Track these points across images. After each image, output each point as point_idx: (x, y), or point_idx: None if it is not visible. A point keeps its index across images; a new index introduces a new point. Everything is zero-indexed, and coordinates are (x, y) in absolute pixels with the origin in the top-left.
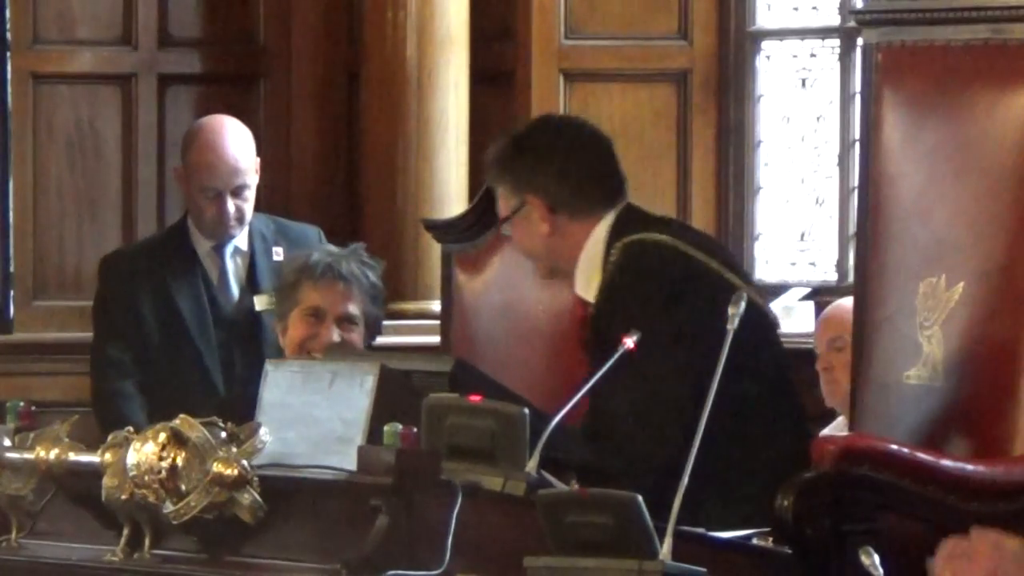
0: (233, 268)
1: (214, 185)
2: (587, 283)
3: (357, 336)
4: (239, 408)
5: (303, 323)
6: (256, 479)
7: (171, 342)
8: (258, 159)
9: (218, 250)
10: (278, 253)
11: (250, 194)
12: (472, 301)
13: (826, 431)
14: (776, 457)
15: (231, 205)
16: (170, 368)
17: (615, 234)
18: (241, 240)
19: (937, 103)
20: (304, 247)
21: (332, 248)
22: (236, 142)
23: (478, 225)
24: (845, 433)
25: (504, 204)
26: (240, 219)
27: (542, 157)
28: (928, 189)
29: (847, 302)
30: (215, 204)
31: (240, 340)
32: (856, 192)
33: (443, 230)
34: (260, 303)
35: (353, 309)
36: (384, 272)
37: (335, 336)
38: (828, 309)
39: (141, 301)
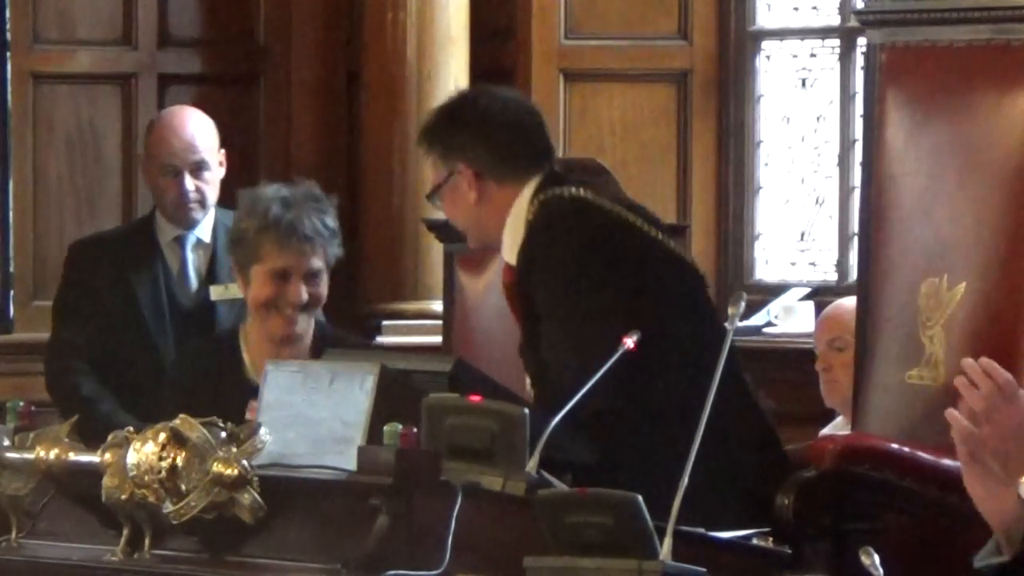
0: (193, 259)
1: (171, 162)
2: (512, 246)
3: (324, 287)
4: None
5: (268, 283)
6: (256, 479)
7: (127, 329)
8: (223, 151)
9: (180, 241)
10: None
11: (210, 176)
12: (474, 301)
13: (825, 431)
14: (721, 425)
15: (190, 183)
16: (124, 354)
17: (536, 195)
18: (204, 232)
19: (940, 103)
20: None
21: (285, 193)
22: (195, 123)
23: None
24: (845, 433)
25: (435, 175)
26: (201, 201)
27: (469, 124)
28: (930, 189)
29: (847, 302)
30: (175, 184)
31: (196, 330)
32: (856, 192)
33: (446, 230)
34: (215, 293)
35: (317, 263)
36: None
37: (303, 295)
38: (828, 309)
39: (100, 288)
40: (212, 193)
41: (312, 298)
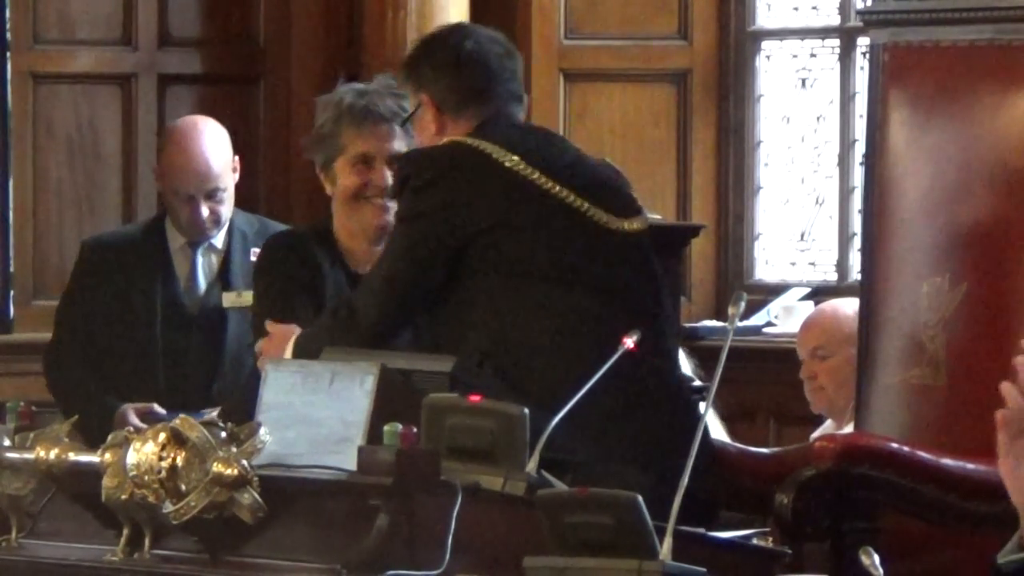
0: (204, 265)
1: (186, 190)
2: None
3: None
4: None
5: (353, 172)
6: (256, 479)
7: (128, 331)
8: (236, 157)
9: (192, 246)
10: (256, 253)
11: (226, 196)
12: None
13: (814, 436)
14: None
15: (205, 209)
16: (124, 356)
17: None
18: (218, 238)
19: (942, 103)
20: None
21: (359, 85)
22: (210, 145)
23: None
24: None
25: (411, 105)
26: (216, 221)
27: (435, 59)
28: (932, 189)
29: (830, 307)
30: (188, 206)
31: (200, 335)
32: (856, 192)
33: None
34: (227, 300)
35: (400, 146)
36: None
37: (388, 179)
38: (809, 316)
39: (104, 289)
40: (227, 210)
41: (393, 185)
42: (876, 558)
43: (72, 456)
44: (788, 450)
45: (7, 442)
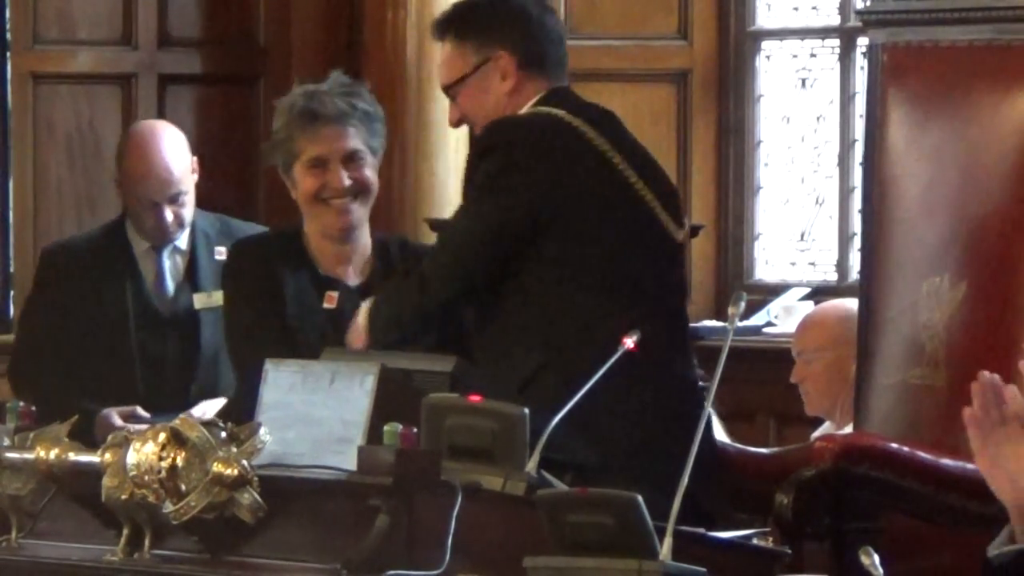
0: (171, 267)
1: (150, 197)
2: None
3: (366, 170)
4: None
5: (310, 175)
6: (256, 479)
7: (98, 337)
8: (194, 158)
9: (156, 249)
10: (220, 252)
11: (187, 198)
12: None
13: (815, 435)
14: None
15: (169, 213)
16: (95, 362)
17: (542, 103)
18: (181, 239)
19: (941, 103)
20: None
21: (309, 87)
22: (170, 150)
23: None
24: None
25: (460, 63)
26: (180, 224)
27: (514, 13)
28: (932, 189)
29: (817, 311)
30: (153, 212)
31: (175, 337)
32: (856, 192)
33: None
34: (199, 301)
35: (354, 144)
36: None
37: (345, 179)
38: (802, 320)
39: (69, 295)
40: (189, 211)
41: (356, 182)
42: (876, 558)
43: (72, 456)
44: (788, 450)
45: (7, 442)
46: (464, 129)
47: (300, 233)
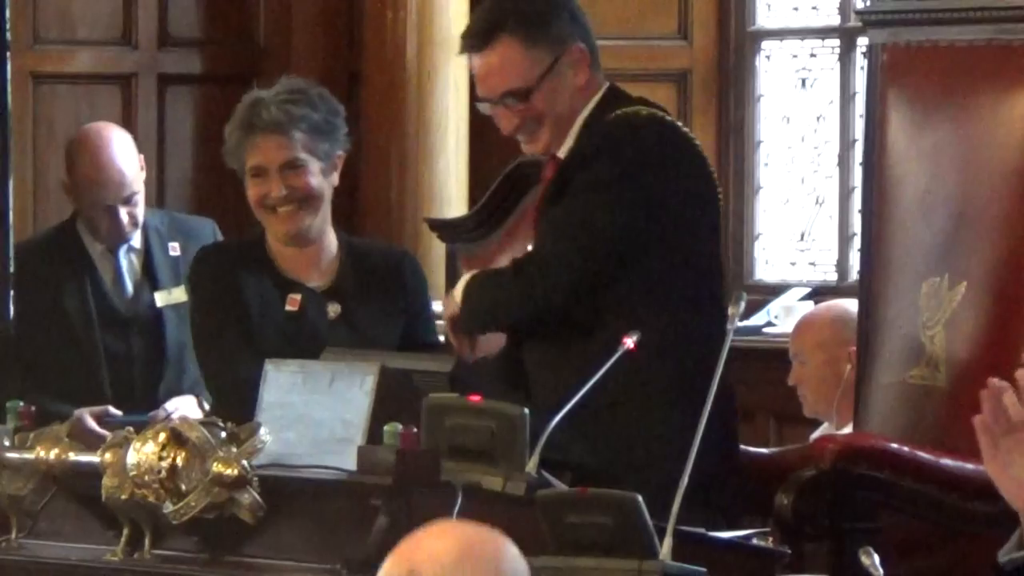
0: (128, 266)
1: (104, 200)
2: (568, 140)
3: (309, 177)
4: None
5: (252, 184)
6: (256, 479)
7: (56, 341)
8: (141, 156)
9: (112, 250)
10: (174, 248)
11: (140, 198)
12: None
13: (815, 435)
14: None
15: (124, 214)
16: (53, 364)
17: (612, 99)
18: (135, 238)
19: (941, 103)
20: (200, 240)
21: (260, 94)
22: (119, 152)
23: (486, 224)
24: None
25: (530, 63)
26: (135, 224)
27: (575, 8)
28: (931, 189)
29: (810, 313)
30: (107, 216)
31: (139, 336)
32: (856, 192)
33: (448, 229)
34: (161, 299)
35: (292, 153)
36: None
37: (282, 189)
38: (796, 323)
39: (29, 297)
40: (142, 211)
41: (296, 190)
42: (876, 558)
43: (72, 456)
44: (788, 450)
45: (7, 442)
46: (463, 129)
47: (263, 237)
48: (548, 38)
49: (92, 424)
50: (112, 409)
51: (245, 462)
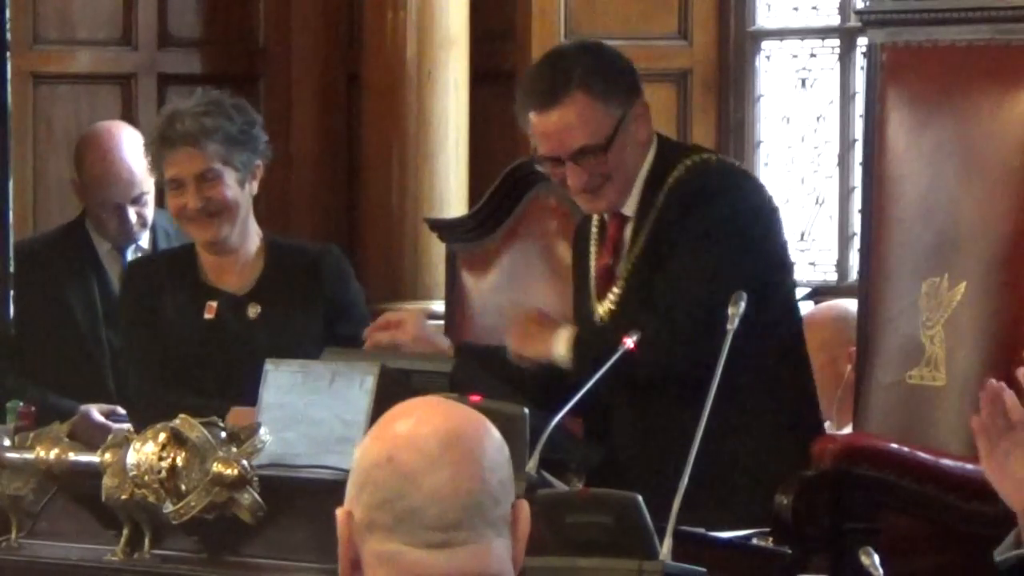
0: None
1: (114, 200)
2: (634, 199)
3: (224, 188)
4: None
5: (170, 195)
6: (256, 479)
7: (61, 338)
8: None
9: (120, 249)
10: None
11: (149, 198)
12: (478, 301)
13: None
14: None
15: (132, 214)
16: (60, 362)
17: (666, 151)
18: (143, 238)
19: (941, 103)
20: None
21: (179, 106)
22: (129, 151)
23: (486, 224)
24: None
25: (604, 119)
26: (144, 224)
27: (630, 65)
28: (931, 189)
29: (813, 314)
30: (116, 215)
31: None
32: (856, 192)
33: (449, 229)
34: None
35: (207, 164)
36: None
37: (197, 200)
38: None
39: (31, 295)
40: (151, 210)
41: (211, 201)
42: (876, 558)
43: (72, 456)
44: None
45: (7, 442)
46: (464, 129)
47: (194, 246)
48: (618, 93)
49: (99, 417)
50: (119, 409)
51: (245, 462)
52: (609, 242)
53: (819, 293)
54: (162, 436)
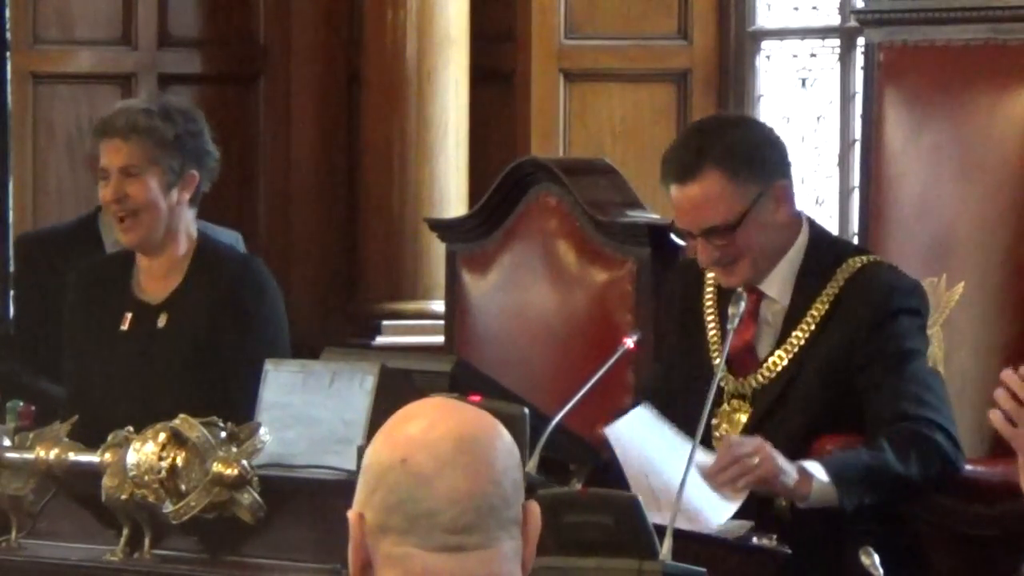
0: None
1: None
2: (783, 282)
3: (143, 187)
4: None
5: (100, 185)
6: (256, 479)
7: (57, 329)
8: None
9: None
10: None
11: None
12: (478, 301)
13: None
14: None
15: None
16: (58, 354)
17: (818, 241)
18: None
19: (938, 103)
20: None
21: (129, 103)
22: None
23: (486, 224)
24: None
25: (737, 197)
26: None
27: (781, 143)
28: (929, 189)
29: None
30: None
31: None
32: (856, 192)
33: (449, 229)
34: None
35: (131, 159)
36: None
37: (112, 193)
38: None
39: (44, 284)
40: None
41: (129, 198)
42: (876, 558)
43: (72, 456)
44: None
45: (7, 442)
46: (464, 129)
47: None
48: (754, 173)
49: None
50: None
51: (245, 462)
52: (748, 317)
53: None
54: (162, 436)
